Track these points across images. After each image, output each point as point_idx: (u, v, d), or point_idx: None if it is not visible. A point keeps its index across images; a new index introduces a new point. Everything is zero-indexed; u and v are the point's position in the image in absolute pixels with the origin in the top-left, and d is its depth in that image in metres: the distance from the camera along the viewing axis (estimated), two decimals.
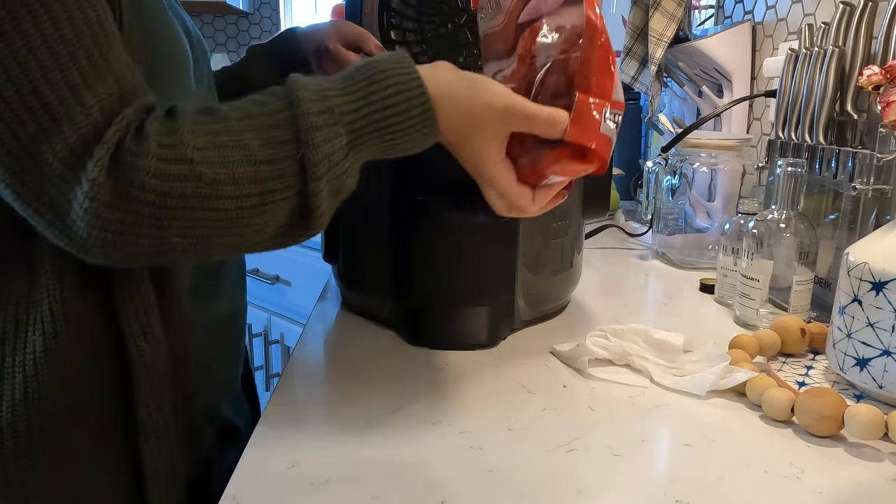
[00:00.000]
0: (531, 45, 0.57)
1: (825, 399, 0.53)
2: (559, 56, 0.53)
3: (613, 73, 0.51)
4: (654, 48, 1.23)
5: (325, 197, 0.46)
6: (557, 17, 0.54)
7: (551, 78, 0.54)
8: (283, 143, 0.44)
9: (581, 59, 0.50)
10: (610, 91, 0.51)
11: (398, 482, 0.47)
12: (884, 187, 0.69)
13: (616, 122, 0.52)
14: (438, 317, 0.71)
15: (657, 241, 1.09)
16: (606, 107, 0.51)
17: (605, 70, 0.51)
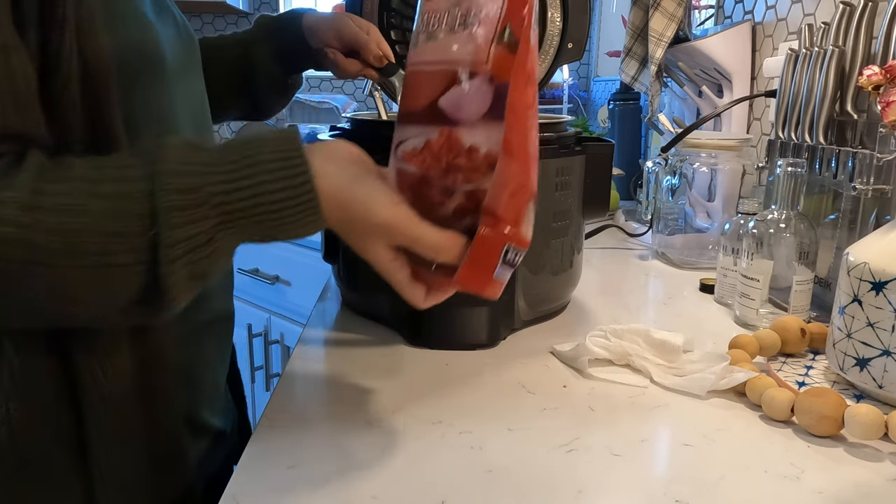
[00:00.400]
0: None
1: (825, 399, 0.53)
2: (465, 185, 0.45)
3: (527, 202, 0.46)
4: (654, 48, 1.23)
5: (179, 281, 0.42)
6: (473, 133, 0.45)
7: (458, 197, 0.46)
8: (135, 216, 0.40)
9: (492, 188, 0.44)
10: (518, 228, 0.46)
11: (398, 482, 0.47)
12: (884, 187, 0.69)
13: (515, 264, 0.47)
14: (438, 317, 0.71)
15: (657, 241, 1.09)
16: (510, 244, 0.46)
17: (520, 202, 0.46)
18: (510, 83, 0.42)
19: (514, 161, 0.44)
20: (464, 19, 0.45)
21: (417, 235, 0.45)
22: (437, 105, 0.46)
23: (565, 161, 0.73)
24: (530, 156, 0.46)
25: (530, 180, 0.46)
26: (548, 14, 0.97)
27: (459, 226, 0.46)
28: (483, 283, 0.47)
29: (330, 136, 0.77)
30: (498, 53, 0.43)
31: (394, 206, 0.45)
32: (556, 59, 0.99)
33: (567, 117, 0.81)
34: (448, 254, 0.45)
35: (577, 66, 2.38)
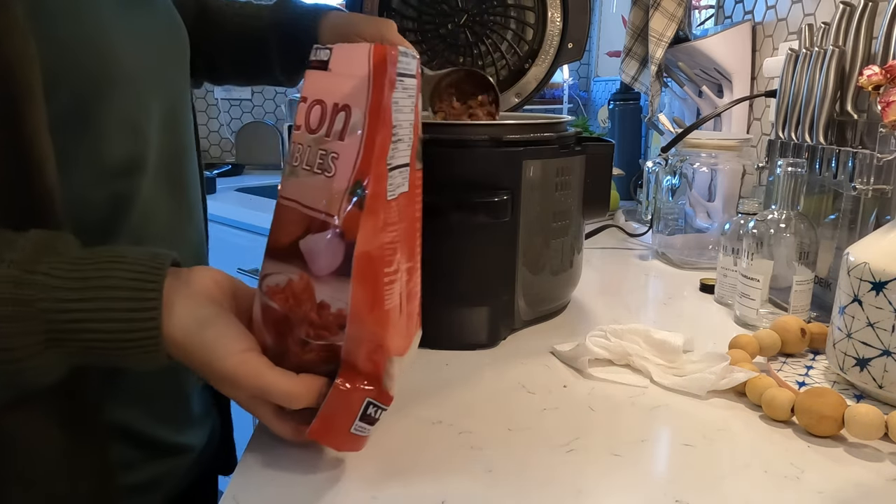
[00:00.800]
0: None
1: (825, 399, 0.53)
2: (316, 340, 0.43)
3: (387, 359, 0.43)
4: (654, 48, 1.23)
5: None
6: (323, 289, 0.42)
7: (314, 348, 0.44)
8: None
9: (347, 343, 0.42)
10: (379, 384, 0.43)
11: (398, 482, 0.47)
12: (884, 187, 0.69)
13: (376, 419, 0.44)
14: (438, 317, 0.71)
15: (657, 241, 1.09)
16: (368, 398, 0.43)
17: (379, 359, 0.43)
18: (356, 242, 0.40)
19: (364, 324, 0.42)
20: (323, 161, 0.42)
21: (264, 387, 0.42)
22: (299, 246, 0.43)
23: (565, 161, 0.73)
24: (387, 315, 0.43)
25: (387, 341, 0.43)
26: (548, 14, 0.98)
27: (321, 370, 0.44)
28: (338, 439, 0.45)
29: None
30: (348, 209, 0.41)
31: (240, 355, 0.43)
32: (556, 59, 0.99)
33: (567, 117, 0.81)
34: (301, 401, 0.43)
35: (577, 66, 2.38)
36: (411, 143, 0.44)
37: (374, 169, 0.40)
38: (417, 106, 0.44)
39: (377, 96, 0.40)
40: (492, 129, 0.69)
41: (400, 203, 0.44)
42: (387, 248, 0.43)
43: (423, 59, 0.99)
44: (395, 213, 0.43)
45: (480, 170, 0.68)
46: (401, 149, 0.43)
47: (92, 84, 0.47)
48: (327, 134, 0.42)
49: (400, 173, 0.43)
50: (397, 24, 0.98)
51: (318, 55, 0.44)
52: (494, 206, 0.67)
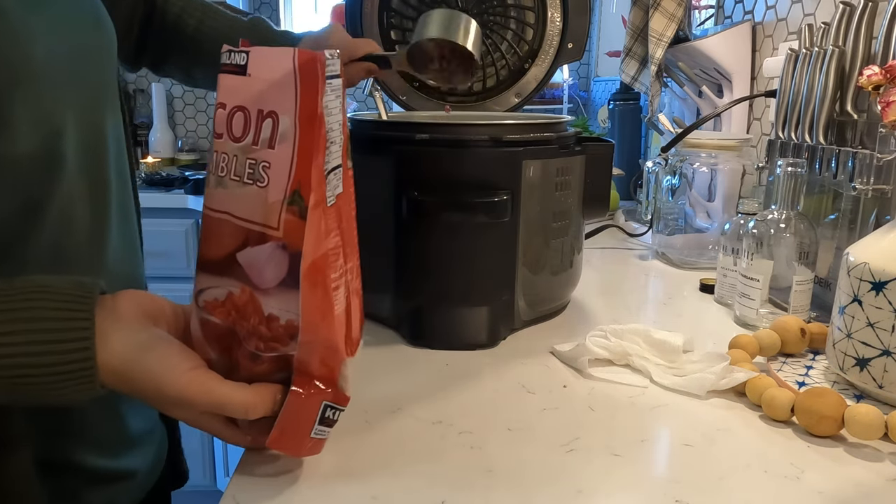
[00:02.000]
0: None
1: (825, 399, 0.53)
2: (268, 352, 0.42)
3: (342, 362, 0.43)
4: (654, 48, 1.23)
5: None
6: (270, 301, 0.41)
7: (266, 360, 0.43)
8: None
9: (300, 350, 0.42)
10: (334, 386, 0.43)
11: (398, 482, 0.47)
12: (884, 187, 0.69)
13: (334, 421, 0.44)
14: (438, 317, 0.71)
15: (657, 241, 1.09)
16: (325, 401, 0.43)
17: (334, 363, 0.43)
18: (302, 251, 0.39)
19: (318, 332, 0.41)
20: (254, 171, 0.41)
21: (218, 401, 0.41)
22: (236, 259, 0.42)
23: (565, 161, 0.73)
24: (335, 320, 0.42)
25: (339, 345, 0.43)
26: (548, 14, 0.97)
27: (274, 378, 0.43)
28: (298, 445, 0.44)
29: None
30: (288, 219, 0.40)
31: (188, 374, 0.41)
32: (556, 59, 0.99)
33: (567, 117, 0.81)
34: (259, 410, 0.42)
35: (577, 66, 2.38)
36: (342, 144, 0.43)
37: (313, 177, 0.39)
38: (343, 104, 0.43)
39: (308, 102, 0.39)
40: (492, 129, 0.69)
41: (338, 205, 0.43)
42: (331, 254, 0.42)
43: None
44: (334, 218, 0.42)
45: (480, 170, 0.68)
46: (334, 151, 0.42)
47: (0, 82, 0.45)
48: (254, 142, 0.41)
49: (335, 176, 0.42)
50: (397, 24, 0.98)
51: (233, 59, 0.42)
52: (494, 206, 0.67)
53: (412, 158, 0.69)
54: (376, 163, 0.70)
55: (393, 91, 0.99)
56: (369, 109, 2.26)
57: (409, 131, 0.70)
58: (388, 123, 0.77)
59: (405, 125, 0.71)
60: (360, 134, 0.75)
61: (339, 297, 0.43)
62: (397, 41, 0.99)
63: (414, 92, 1.00)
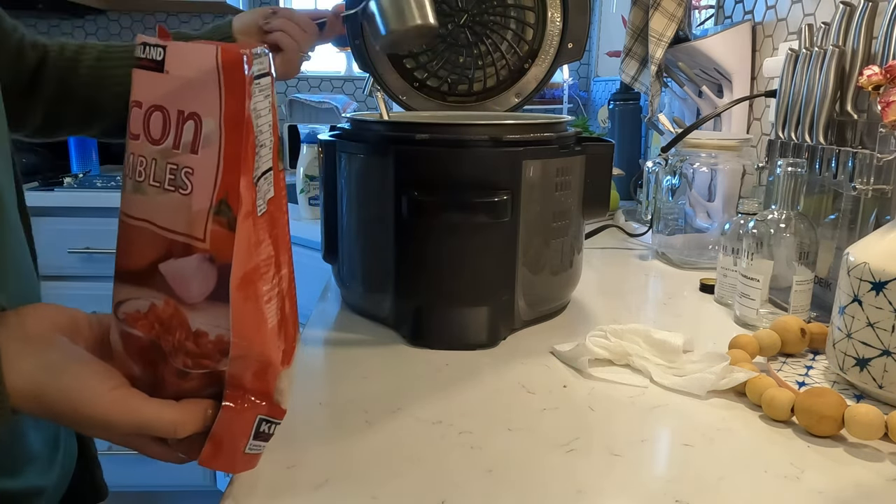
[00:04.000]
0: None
1: (825, 399, 0.53)
2: (197, 369, 0.40)
3: (276, 376, 0.41)
4: (654, 48, 1.23)
5: None
6: (198, 316, 0.39)
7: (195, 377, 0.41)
8: None
9: (233, 365, 0.39)
10: (270, 399, 0.41)
11: (398, 482, 0.47)
12: (884, 187, 0.69)
13: (270, 435, 0.42)
14: (438, 317, 0.71)
15: (657, 241, 1.09)
16: (260, 415, 0.41)
17: (269, 377, 0.40)
18: (232, 265, 0.37)
19: (251, 346, 0.39)
20: (175, 177, 0.37)
21: (143, 422, 0.38)
22: (158, 269, 0.39)
23: (565, 161, 0.73)
24: (268, 333, 0.40)
25: (273, 358, 0.41)
26: (548, 14, 0.97)
27: (204, 394, 0.40)
28: (232, 461, 0.42)
29: (330, 135, 0.77)
30: (215, 230, 0.37)
31: (109, 394, 0.38)
32: (556, 59, 0.99)
33: (567, 117, 0.81)
34: (188, 428, 0.39)
35: (577, 66, 2.38)
36: (272, 146, 0.40)
37: (242, 185, 0.36)
38: (273, 102, 0.39)
39: (234, 105, 0.36)
40: (492, 129, 0.69)
41: (270, 211, 0.40)
42: (263, 265, 0.39)
43: (424, 59, 0.99)
44: (265, 226, 0.40)
45: (480, 170, 0.68)
46: (264, 155, 0.39)
47: None
48: (175, 146, 0.37)
49: (265, 180, 0.39)
50: None
51: (148, 53, 0.38)
52: (494, 206, 0.67)
53: (412, 158, 0.69)
54: (376, 163, 0.70)
55: (393, 91, 0.99)
56: (369, 109, 2.26)
57: (409, 131, 0.70)
58: (388, 123, 0.77)
59: (405, 125, 0.71)
60: (360, 134, 0.75)
61: (272, 310, 0.41)
62: None
63: (414, 92, 1.00)
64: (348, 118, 0.78)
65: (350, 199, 0.75)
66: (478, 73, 1.00)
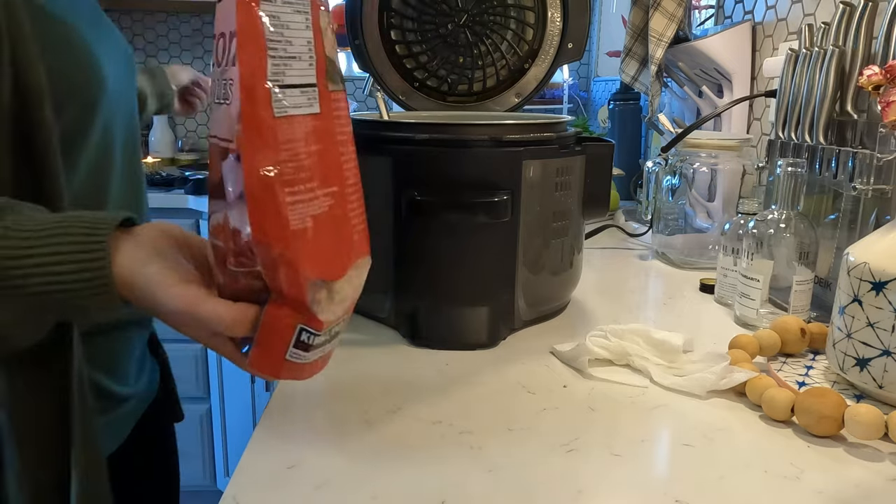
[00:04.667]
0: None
1: (825, 399, 0.53)
2: (238, 267, 0.43)
3: (308, 282, 0.42)
4: (654, 48, 1.23)
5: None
6: (233, 215, 0.42)
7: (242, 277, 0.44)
8: None
9: (261, 265, 0.41)
10: (305, 308, 0.42)
11: (398, 482, 0.47)
12: (884, 187, 0.69)
13: (311, 346, 0.43)
14: (438, 317, 0.71)
15: (657, 241, 1.09)
16: (300, 325, 0.42)
17: (300, 282, 0.41)
18: (243, 162, 0.39)
19: (269, 247, 0.40)
20: (224, 90, 0.41)
21: (200, 315, 0.42)
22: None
23: (565, 161, 0.73)
24: (294, 235, 0.41)
25: (300, 262, 0.41)
26: (548, 14, 0.98)
27: (259, 299, 0.43)
28: (275, 367, 0.43)
29: None
30: (238, 131, 0.40)
31: (178, 286, 0.43)
32: (556, 59, 0.99)
33: (567, 117, 0.81)
34: (236, 329, 0.43)
35: (577, 66, 2.38)
36: (314, 63, 0.42)
37: (257, 89, 0.39)
38: (317, 22, 0.41)
39: (241, 14, 0.39)
40: (492, 129, 0.69)
41: (305, 124, 0.41)
42: (286, 166, 0.40)
43: (423, 59, 0.99)
44: (294, 133, 0.41)
45: (480, 170, 0.68)
46: (295, 66, 0.41)
47: (88, 103, 0.57)
48: (225, 63, 0.41)
49: (302, 93, 0.41)
50: (397, 24, 0.98)
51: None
52: (494, 206, 0.67)
53: (412, 158, 0.69)
54: (376, 163, 0.70)
55: (393, 91, 0.99)
56: (369, 109, 2.26)
57: (409, 131, 0.70)
58: (388, 123, 0.77)
59: (405, 125, 0.71)
60: (360, 134, 0.75)
61: (298, 214, 0.41)
62: (397, 41, 0.99)
63: (414, 92, 1.00)
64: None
65: None
66: (478, 73, 1.00)
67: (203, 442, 1.92)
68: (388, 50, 0.98)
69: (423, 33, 0.99)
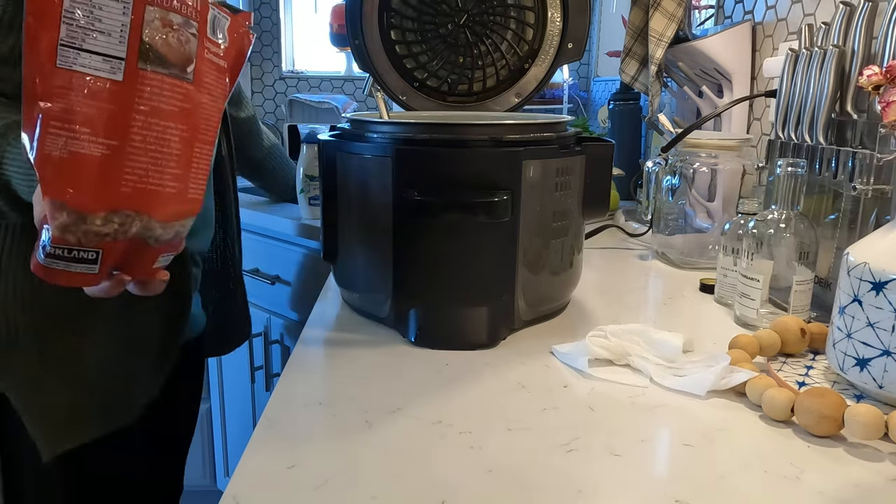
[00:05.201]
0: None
1: (825, 399, 0.53)
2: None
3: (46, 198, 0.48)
4: (654, 48, 1.23)
5: None
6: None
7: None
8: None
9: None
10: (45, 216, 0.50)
11: (398, 482, 0.47)
12: (884, 187, 0.69)
13: (53, 256, 0.49)
14: (438, 317, 0.71)
15: (657, 241, 1.09)
16: (45, 231, 0.50)
17: (43, 197, 0.49)
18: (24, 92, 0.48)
19: (29, 161, 0.49)
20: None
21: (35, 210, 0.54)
22: None
23: (565, 161, 0.73)
24: (43, 158, 0.47)
25: (45, 182, 0.48)
26: (548, 14, 0.98)
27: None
28: (34, 264, 0.51)
29: (330, 135, 0.77)
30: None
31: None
32: (556, 59, 0.99)
33: (567, 117, 0.81)
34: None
35: (577, 66, 2.38)
36: (124, 42, 0.48)
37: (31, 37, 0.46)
38: (140, 17, 0.48)
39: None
40: (492, 129, 0.69)
41: (97, 82, 0.47)
42: (56, 103, 0.47)
43: (423, 59, 0.99)
44: (73, 83, 0.47)
45: (480, 170, 0.68)
46: (100, 39, 0.47)
47: None
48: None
49: (104, 61, 0.48)
50: (397, 24, 0.99)
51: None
52: (494, 206, 0.67)
53: (412, 158, 0.69)
54: (376, 163, 0.70)
55: (393, 91, 0.99)
56: (369, 109, 2.26)
57: (409, 131, 0.70)
58: (388, 123, 0.77)
59: (405, 125, 0.71)
60: (359, 134, 0.75)
61: (57, 144, 0.47)
62: (397, 41, 0.99)
63: (414, 92, 1.00)
64: (348, 118, 0.78)
65: (350, 199, 0.75)
66: (478, 73, 1.00)
67: (203, 442, 1.92)
68: (388, 50, 0.98)
69: (423, 33, 0.99)
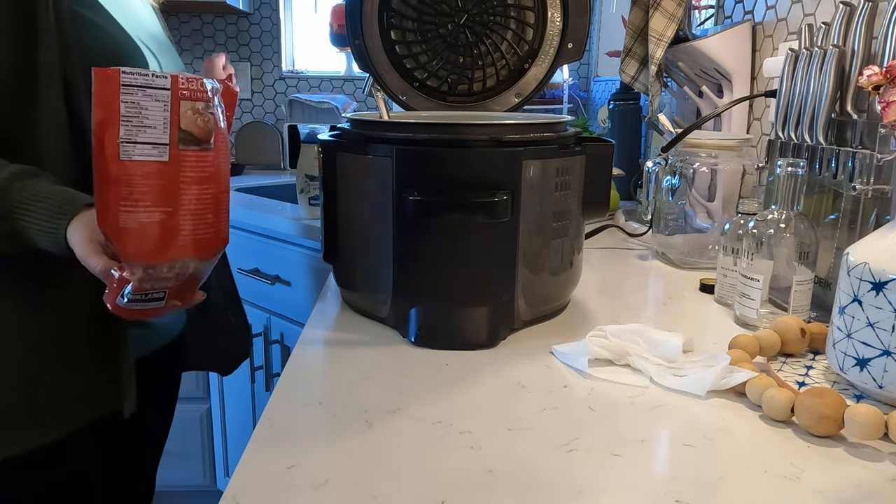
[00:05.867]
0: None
1: (825, 399, 0.53)
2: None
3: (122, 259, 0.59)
4: (654, 48, 1.23)
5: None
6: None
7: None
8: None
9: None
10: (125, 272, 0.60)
11: (398, 482, 0.47)
12: (884, 187, 0.69)
13: (132, 300, 0.60)
14: (438, 317, 0.71)
15: (657, 241, 1.09)
16: (125, 284, 0.59)
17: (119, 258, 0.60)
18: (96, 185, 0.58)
19: (106, 235, 0.59)
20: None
21: (88, 262, 0.62)
22: None
23: (565, 161, 0.73)
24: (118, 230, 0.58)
25: (123, 247, 0.59)
26: (548, 14, 0.98)
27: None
28: (112, 306, 0.62)
29: (330, 135, 0.77)
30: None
31: (85, 245, 0.63)
32: (556, 59, 0.99)
33: (567, 117, 0.81)
34: (102, 274, 0.62)
35: (577, 66, 2.38)
36: (167, 131, 0.58)
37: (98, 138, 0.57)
38: (177, 109, 0.58)
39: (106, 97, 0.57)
40: (492, 129, 0.69)
41: (150, 165, 0.58)
42: (123, 187, 0.57)
43: (423, 59, 0.99)
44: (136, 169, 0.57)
45: (480, 170, 0.68)
46: (148, 132, 0.57)
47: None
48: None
49: (153, 148, 0.58)
50: (397, 24, 0.98)
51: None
52: (494, 206, 0.67)
53: (412, 158, 0.69)
54: (376, 163, 0.70)
55: (393, 91, 0.99)
56: (369, 109, 2.26)
57: (409, 131, 0.70)
58: (388, 123, 0.77)
59: (405, 125, 0.71)
60: (359, 134, 0.75)
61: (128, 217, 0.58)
62: (397, 41, 0.99)
63: (414, 92, 1.00)
64: (348, 118, 0.78)
65: (350, 199, 0.75)
66: (478, 73, 1.00)
67: (203, 442, 1.92)
68: (388, 50, 0.98)
69: (423, 33, 0.99)
